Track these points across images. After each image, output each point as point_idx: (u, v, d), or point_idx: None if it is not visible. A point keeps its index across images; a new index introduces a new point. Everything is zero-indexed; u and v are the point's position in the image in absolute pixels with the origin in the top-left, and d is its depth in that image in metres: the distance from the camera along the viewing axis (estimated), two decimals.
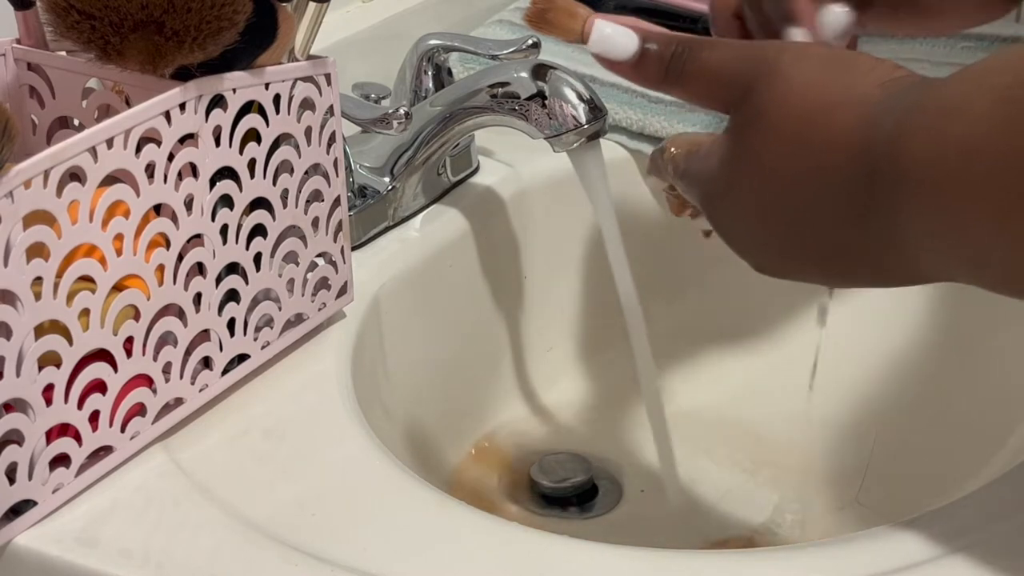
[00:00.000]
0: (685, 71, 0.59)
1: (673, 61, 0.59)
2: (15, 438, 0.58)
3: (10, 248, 0.56)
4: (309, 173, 0.71)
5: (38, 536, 0.60)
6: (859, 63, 0.56)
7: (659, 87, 0.61)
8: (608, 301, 0.83)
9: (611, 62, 0.61)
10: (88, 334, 0.60)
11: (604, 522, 0.85)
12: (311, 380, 0.71)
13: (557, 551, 0.60)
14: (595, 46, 0.61)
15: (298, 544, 0.60)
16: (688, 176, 0.61)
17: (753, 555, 0.62)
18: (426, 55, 0.88)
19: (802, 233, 0.56)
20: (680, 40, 0.60)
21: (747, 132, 0.57)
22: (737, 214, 0.58)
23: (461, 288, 0.87)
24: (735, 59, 0.58)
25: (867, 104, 0.53)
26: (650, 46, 0.60)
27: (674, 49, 0.59)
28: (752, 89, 0.56)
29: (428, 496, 0.63)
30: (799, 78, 0.55)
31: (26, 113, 0.69)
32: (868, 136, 0.52)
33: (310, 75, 0.70)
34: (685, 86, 0.60)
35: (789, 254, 0.57)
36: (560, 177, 0.89)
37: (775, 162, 0.55)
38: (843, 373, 0.90)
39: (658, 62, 0.60)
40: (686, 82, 0.59)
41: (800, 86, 0.55)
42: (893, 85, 0.54)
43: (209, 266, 0.66)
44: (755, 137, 0.56)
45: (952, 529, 0.59)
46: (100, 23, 0.62)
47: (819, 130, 0.54)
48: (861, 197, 0.53)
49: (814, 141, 0.54)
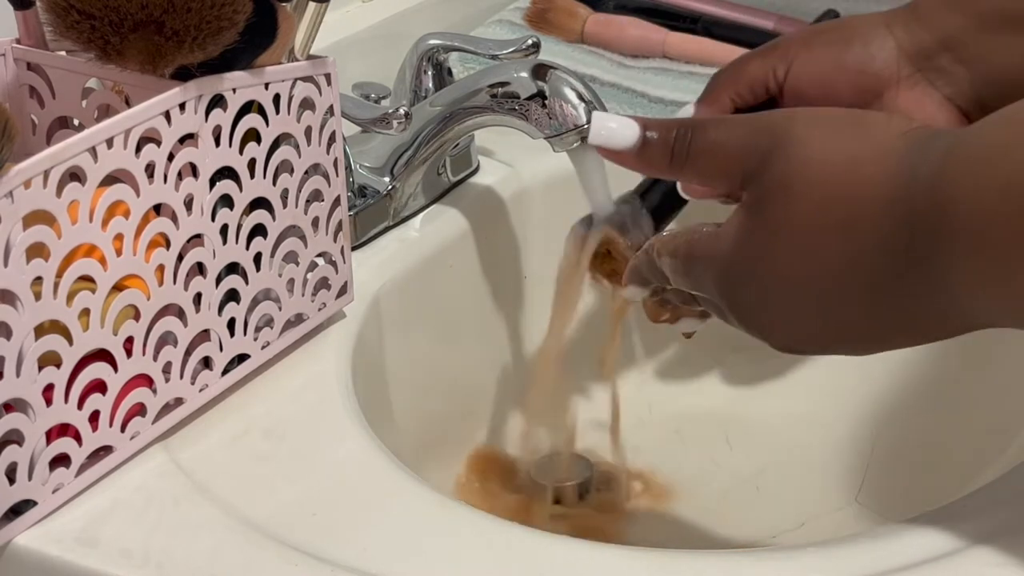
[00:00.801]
0: (692, 151, 0.58)
1: (678, 143, 0.58)
2: (15, 438, 0.58)
3: (10, 248, 0.56)
4: (309, 173, 0.71)
5: (38, 536, 0.60)
6: (874, 118, 0.55)
7: (666, 171, 0.60)
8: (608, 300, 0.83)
9: (614, 153, 0.60)
10: (88, 334, 0.60)
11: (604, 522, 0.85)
12: (311, 380, 0.71)
13: (557, 551, 0.60)
14: (596, 139, 0.60)
15: (298, 544, 0.60)
16: (697, 265, 0.59)
17: (753, 555, 0.62)
18: (426, 55, 0.88)
19: (838, 299, 0.54)
20: (681, 123, 0.59)
21: (769, 204, 0.55)
22: (761, 291, 0.56)
23: (461, 288, 0.87)
24: (744, 132, 0.57)
25: (894, 156, 0.52)
26: (651, 133, 0.59)
27: (676, 132, 0.58)
28: (768, 159, 0.55)
29: (428, 496, 0.63)
30: (816, 141, 0.54)
31: (26, 113, 0.69)
32: (902, 187, 0.51)
33: (310, 75, 0.70)
34: (694, 166, 0.58)
35: (821, 326, 0.55)
36: (560, 177, 0.89)
37: (804, 229, 0.54)
38: (843, 373, 0.90)
39: (663, 147, 0.59)
40: (694, 162, 0.58)
41: (820, 149, 0.54)
42: (914, 134, 0.53)
43: (209, 266, 0.66)
44: (778, 207, 0.55)
45: (952, 529, 0.59)
46: (100, 23, 0.62)
47: (848, 188, 0.53)
48: (901, 250, 0.51)
49: (844, 201, 0.53)
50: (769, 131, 0.56)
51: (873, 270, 0.52)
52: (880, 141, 0.53)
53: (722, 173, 0.58)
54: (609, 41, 1.03)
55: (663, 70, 1.00)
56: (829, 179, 0.53)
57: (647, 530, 0.84)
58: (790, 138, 0.55)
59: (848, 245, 0.53)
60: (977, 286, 0.50)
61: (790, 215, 0.54)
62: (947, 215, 0.50)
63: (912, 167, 0.52)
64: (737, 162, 0.57)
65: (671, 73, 0.99)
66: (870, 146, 0.53)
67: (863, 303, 0.53)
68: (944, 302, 0.51)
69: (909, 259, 0.51)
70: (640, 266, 0.64)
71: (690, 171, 0.59)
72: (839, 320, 0.55)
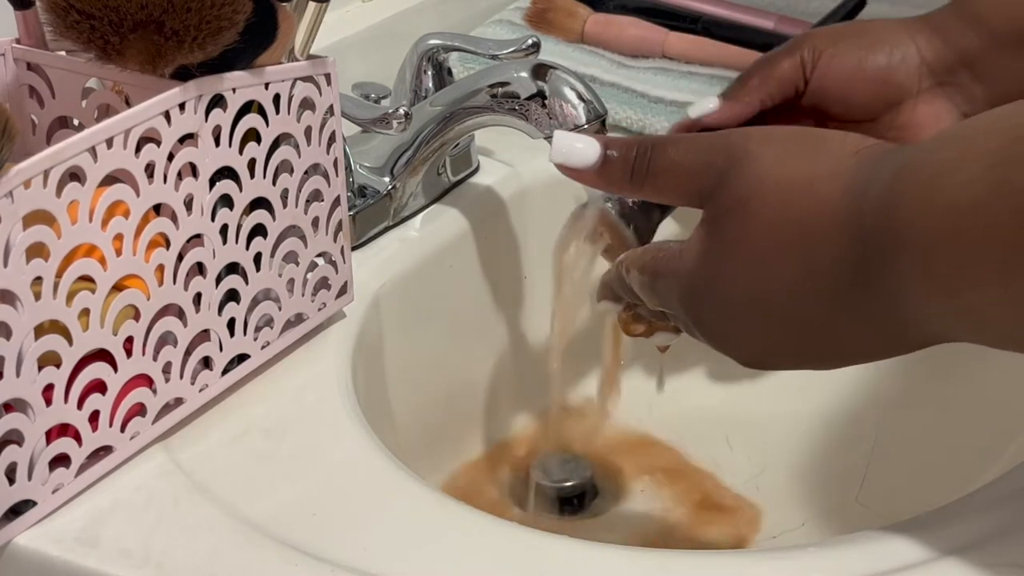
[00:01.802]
0: (651, 170, 0.59)
1: (638, 162, 0.59)
2: (15, 438, 0.58)
3: (10, 248, 0.56)
4: (309, 173, 0.71)
5: (38, 536, 0.60)
6: (829, 136, 0.56)
7: (626, 189, 0.60)
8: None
9: (574, 170, 0.61)
10: (88, 334, 0.60)
11: (604, 522, 0.85)
12: (311, 380, 0.71)
13: (557, 551, 0.60)
14: (557, 156, 0.61)
15: (298, 544, 0.60)
16: (662, 280, 0.60)
17: (753, 555, 0.62)
18: (426, 55, 0.88)
19: (794, 315, 0.54)
20: (641, 142, 0.60)
21: (726, 220, 0.56)
22: (723, 308, 0.57)
23: (461, 288, 0.87)
24: (702, 150, 0.58)
25: (847, 174, 0.53)
26: (612, 152, 0.60)
27: (636, 151, 0.59)
28: (725, 178, 0.56)
29: (428, 496, 0.63)
30: (772, 159, 0.55)
31: (26, 113, 0.69)
32: (853, 205, 0.52)
33: (310, 75, 0.70)
34: (653, 184, 0.59)
35: (781, 341, 0.56)
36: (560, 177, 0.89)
37: (757, 245, 0.55)
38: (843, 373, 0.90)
39: (623, 165, 0.59)
40: (654, 180, 0.59)
41: (775, 166, 0.55)
42: (867, 153, 0.54)
43: (209, 266, 0.66)
44: (734, 224, 0.55)
45: (952, 529, 0.59)
46: (100, 23, 0.62)
47: (802, 206, 0.53)
48: (854, 266, 0.52)
49: (798, 217, 0.53)
50: (725, 150, 0.57)
51: (828, 287, 0.53)
52: (835, 159, 0.54)
53: (681, 192, 0.58)
54: (609, 41, 1.03)
55: (663, 70, 1.00)
56: (784, 197, 0.54)
57: (646, 530, 0.84)
58: (746, 157, 0.56)
59: (803, 262, 0.53)
60: (926, 302, 0.50)
61: (746, 233, 0.55)
62: (895, 233, 0.50)
63: (864, 184, 0.52)
64: (695, 181, 0.57)
65: (671, 73, 0.99)
66: (825, 165, 0.54)
67: (820, 319, 0.54)
68: (898, 318, 0.52)
69: (862, 276, 0.52)
70: (611, 281, 0.64)
71: (649, 189, 0.60)
72: (799, 336, 0.55)
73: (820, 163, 0.54)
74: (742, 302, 0.56)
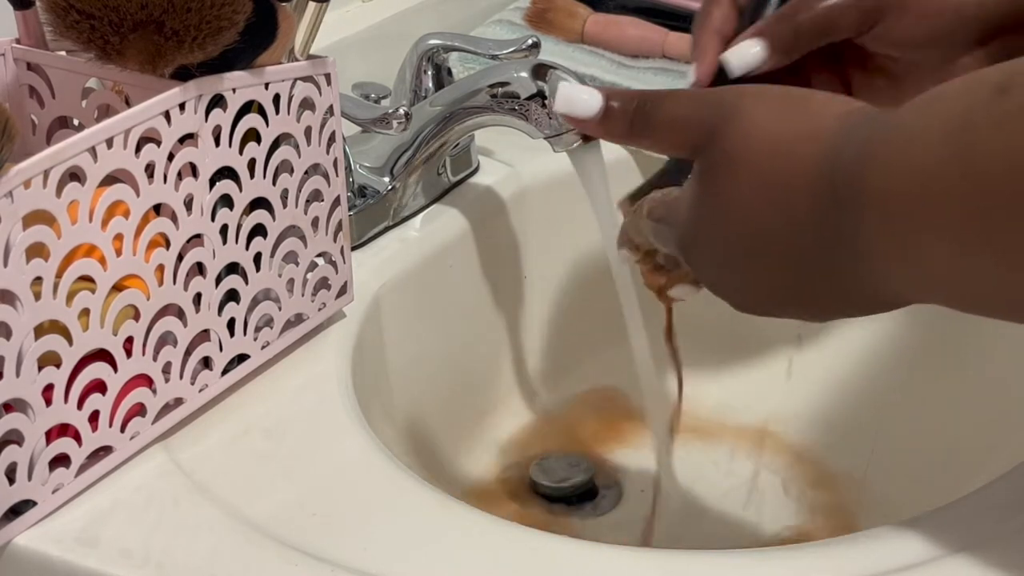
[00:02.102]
0: (650, 123, 0.61)
1: (636, 114, 0.61)
2: (15, 438, 0.58)
3: (10, 248, 0.56)
4: (309, 173, 0.71)
5: (38, 536, 0.60)
6: (816, 98, 0.58)
7: (626, 139, 0.63)
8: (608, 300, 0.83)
9: (577, 120, 0.62)
10: (88, 334, 0.60)
11: (604, 522, 0.85)
12: (311, 380, 0.71)
13: (557, 551, 0.60)
14: (560, 107, 0.62)
15: (298, 544, 0.60)
16: (664, 226, 0.62)
17: (753, 555, 0.62)
18: (426, 55, 0.88)
19: (775, 268, 0.56)
20: (642, 94, 0.61)
21: (713, 174, 0.58)
22: (711, 256, 0.59)
23: (461, 288, 0.87)
24: (697, 105, 0.59)
25: (827, 136, 0.55)
26: (613, 103, 0.61)
27: (637, 103, 0.61)
28: (715, 132, 0.58)
29: (428, 496, 0.63)
30: (760, 117, 0.57)
31: (26, 113, 0.69)
32: (830, 166, 0.54)
33: (310, 75, 0.70)
34: (651, 136, 0.61)
35: (765, 291, 0.58)
36: (560, 177, 0.89)
37: (743, 200, 0.56)
38: (844, 373, 0.90)
39: (622, 116, 0.61)
40: (652, 133, 0.61)
41: (762, 125, 0.56)
42: (851, 117, 0.55)
43: (209, 266, 0.66)
44: (722, 178, 0.57)
45: (952, 529, 0.59)
46: (100, 23, 0.62)
47: (783, 165, 0.55)
48: (828, 226, 0.54)
49: (779, 176, 0.55)
50: (718, 106, 0.58)
51: (805, 243, 0.55)
52: (818, 120, 0.56)
53: (676, 144, 0.60)
54: (609, 41, 1.03)
55: (663, 70, 1.00)
56: (768, 154, 0.56)
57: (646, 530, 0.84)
58: (737, 113, 0.57)
59: (782, 218, 0.55)
60: (891, 263, 0.52)
61: (732, 186, 0.57)
62: (862, 195, 0.52)
63: (839, 147, 0.54)
64: (688, 134, 0.59)
65: (671, 73, 0.99)
66: (808, 125, 0.56)
67: (800, 273, 0.56)
68: (869, 277, 0.54)
69: (833, 234, 0.54)
70: (628, 227, 0.66)
71: (647, 141, 0.62)
72: (781, 286, 0.57)
73: (805, 123, 0.56)
74: (728, 252, 0.58)
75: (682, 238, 0.61)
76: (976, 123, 0.48)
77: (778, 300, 0.58)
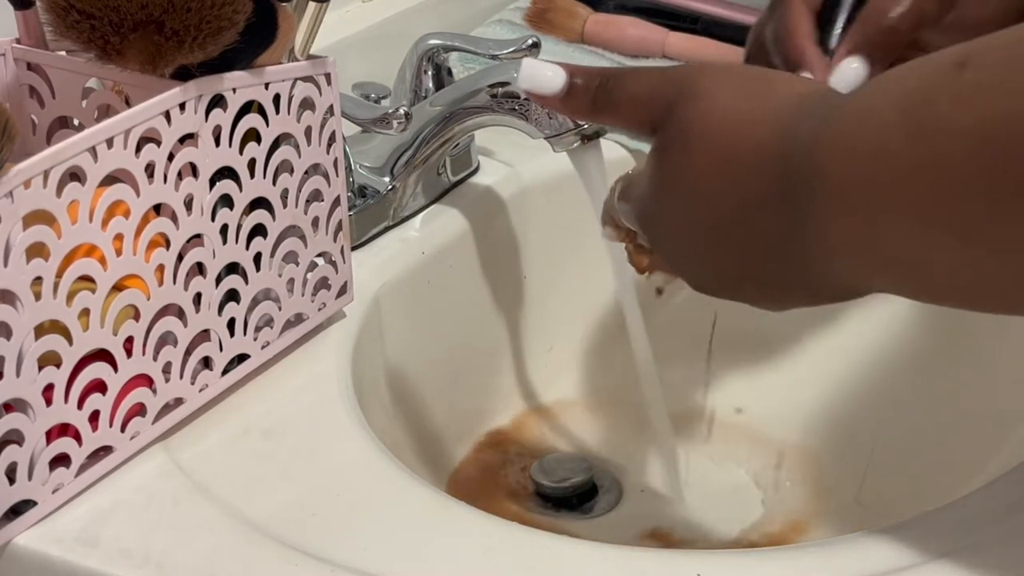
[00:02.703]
0: (612, 100, 0.60)
1: (599, 91, 0.61)
2: (15, 438, 0.58)
3: (10, 248, 0.56)
4: (309, 173, 0.71)
5: (38, 536, 0.60)
6: (777, 79, 0.57)
7: (589, 116, 0.62)
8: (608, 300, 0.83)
9: (541, 97, 0.62)
10: (88, 334, 0.60)
11: (604, 522, 0.85)
12: (311, 380, 0.71)
13: (557, 551, 0.60)
14: (524, 83, 0.62)
15: (298, 544, 0.60)
16: (625, 204, 0.62)
17: (753, 555, 0.62)
18: (426, 55, 0.88)
19: (730, 248, 0.56)
20: (605, 72, 0.61)
21: (670, 151, 0.57)
22: (668, 233, 0.59)
23: (461, 288, 0.87)
24: (658, 83, 0.59)
25: (784, 117, 0.54)
26: (577, 80, 0.61)
27: (600, 80, 0.61)
28: (674, 109, 0.57)
29: (428, 496, 0.63)
30: (720, 96, 0.56)
31: (26, 113, 0.69)
32: (785, 148, 0.53)
33: (310, 75, 0.70)
34: (613, 113, 0.61)
35: (721, 271, 0.57)
36: (560, 177, 0.89)
37: (699, 178, 0.56)
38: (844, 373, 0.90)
39: (585, 93, 0.61)
40: (614, 109, 0.61)
41: (721, 103, 0.56)
42: (809, 98, 0.54)
43: (209, 266, 0.66)
44: (678, 155, 0.57)
45: (952, 529, 0.59)
46: (100, 23, 0.62)
47: (740, 145, 0.55)
48: (781, 208, 0.53)
49: (735, 156, 0.55)
50: (677, 82, 0.58)
51: (757, 224, 0.54)
52: (777, 100, 0.55)
53: (635, 121, 0.60)
54: (609, 41, 1.03)
55: None
56: (724, 133, 0.55)
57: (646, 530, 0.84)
58: (696, 91, 0.57)
59: (735, 198, 0.55)
60: (845, 248, 0.51)
61: (687, 162, 0.56)
62: (816, 177, 0.51)
63: (794, 128, 0.53)
64: (647, 111, 0.59)
65: None
66: (766, 106, 0.55)
67: (754, 254, 0.55)
68: (824, 262, 0.53)
69: (788, 218, 0.53)
70: (607, 205, 0.66)
71: (609, 117, 0.61)
72: (735, 268, 0.56)
73: (762, 104, 0.55)
74: (682, 230, 0.57)
75: (639, 214, 0.60)
76: (935, 99, 0.48)
77: (733, 281, 0.57)
